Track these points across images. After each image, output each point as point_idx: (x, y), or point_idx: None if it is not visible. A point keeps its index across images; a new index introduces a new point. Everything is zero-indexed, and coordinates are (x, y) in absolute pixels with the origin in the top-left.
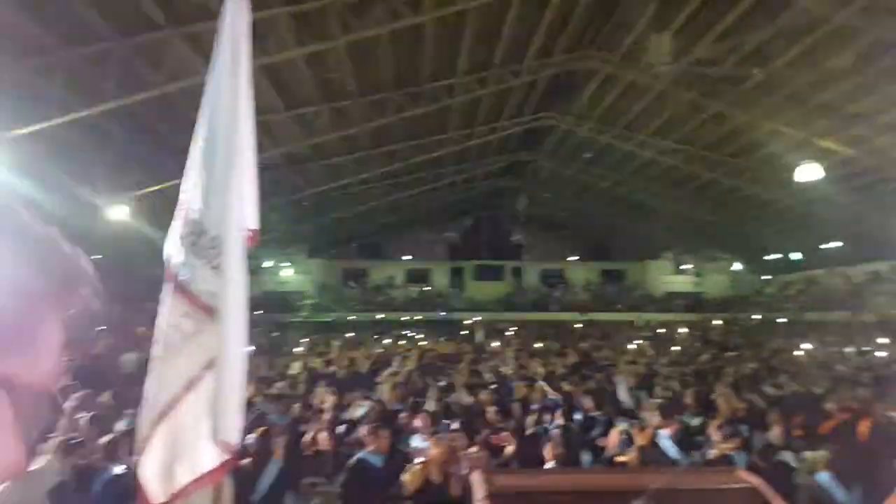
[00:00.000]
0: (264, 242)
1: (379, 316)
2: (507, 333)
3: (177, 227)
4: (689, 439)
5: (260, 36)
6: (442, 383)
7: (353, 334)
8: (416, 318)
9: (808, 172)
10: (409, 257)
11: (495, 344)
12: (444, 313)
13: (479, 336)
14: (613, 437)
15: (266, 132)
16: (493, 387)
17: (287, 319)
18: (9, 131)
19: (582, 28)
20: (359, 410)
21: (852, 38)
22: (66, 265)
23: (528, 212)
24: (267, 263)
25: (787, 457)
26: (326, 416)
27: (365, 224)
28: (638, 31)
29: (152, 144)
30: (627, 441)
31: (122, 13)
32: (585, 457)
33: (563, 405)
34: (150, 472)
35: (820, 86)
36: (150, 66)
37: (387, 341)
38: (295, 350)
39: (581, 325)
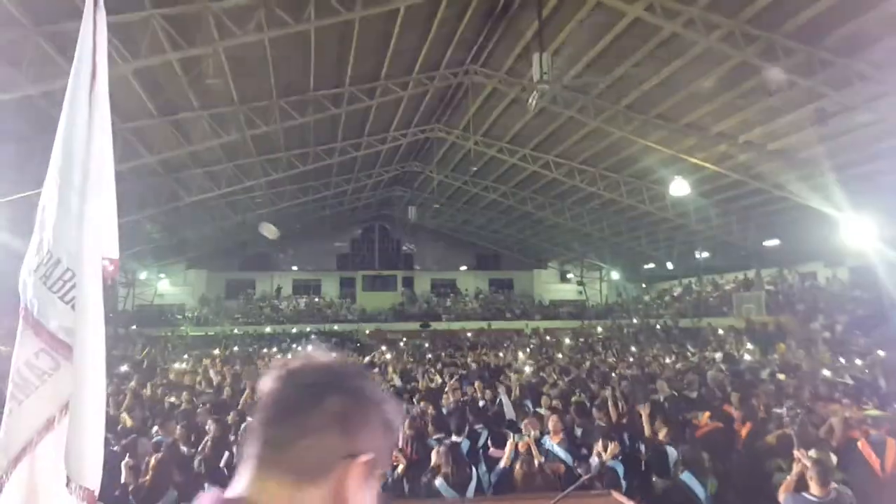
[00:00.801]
0: (139, 254)
1: (267, 329)
2: (400, 344)
3: (28, 260)
4: (575, 449)
5: (132, 38)
6: None
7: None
8: (305, 329)
9: (679, 187)
10: (297, 268)
11: (388, 356)
12: (335, 325)
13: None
14: (508, 448)
15: (140, 138)
16: None
17: (162, 334)
18: None
19: (469, 44)
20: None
21: (716, 63)
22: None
23: (419, 222)
24: (141, 276)
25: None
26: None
27: (250, 234)
28: (519, 50)
29: (14, 150)
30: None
31: None
32: (480, 469)
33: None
34: None
35: (687, 106)
36: (11, 66)
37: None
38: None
39: (471, 334)
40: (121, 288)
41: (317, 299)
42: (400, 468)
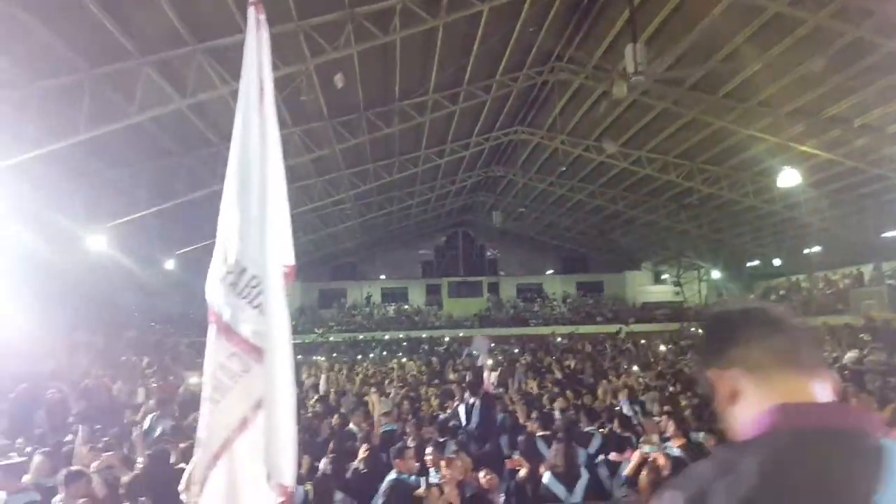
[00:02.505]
0: None
1: (359, 336)
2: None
3: (216, 268)
4: (699, 455)
5: (229, 60)
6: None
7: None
8: (397, 336)
9: (788, 178)
10: (384, 276)
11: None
12: (423, 332)
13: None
14: (635, 458)
15: None
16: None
17: None
18: None
19: (554, 41)
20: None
21: (827, 42)
22: None
23: (503, 227)
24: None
25: None
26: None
27: (339, 245)
28: (608, 43)
29: (125, 175)
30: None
31: (92, 43)
32: (600, 472)
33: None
34: None
35: (794, 90)
36: (122, 96)
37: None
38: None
39: (562, 339)
40: None
41: (405, 306)
42: (523, 472)
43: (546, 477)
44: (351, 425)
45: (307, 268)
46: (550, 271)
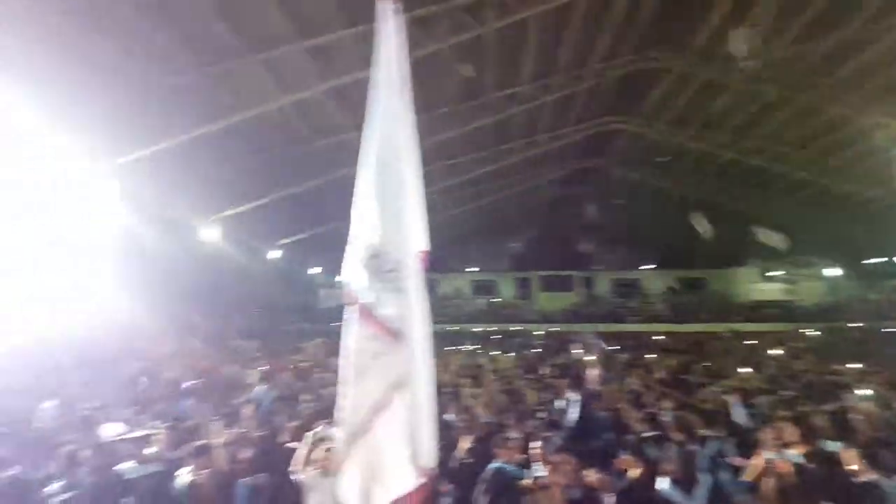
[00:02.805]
0: (339, 257)
1: (451, 328)
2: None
3: (354, 252)
4: (824, 467)
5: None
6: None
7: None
8: (488, 329)
9: None
10: (475, 269)
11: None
12: (513, 326)
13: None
14: (757, 464)
15: (343, 150)
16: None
17: None
18: (115, 159)
19: (651, 27)
20: None
21: None
22: None
23: (598, 219)
24: (338, 278)
25: None
26: None
27: (430, 237)
28: (714, 26)
29: (234, 169)
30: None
31: (201, 40)
32: (721, 477)
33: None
34: (348, 491)
35: None
36: (232, 93)
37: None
38: None
39: (661, 338)
40: (321, 290)
41: (495, 299)
42: (633, 472)
43: (662, 482)
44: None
45: None
46: (649, 266)
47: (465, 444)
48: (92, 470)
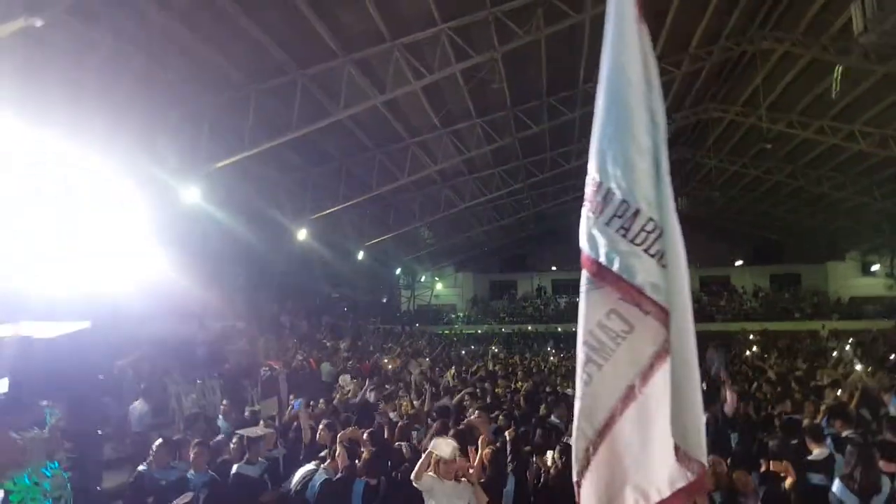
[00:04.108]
0: (419, 258)
1: (529, 328)
2: None
3: (594, 211)
4: None
5: (421, 55)
6: None
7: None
8: (571, 329)
9: None
10: (555, 268)
11: None
12: None
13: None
14: None
15: (425, 150)
16: None
17: (441, 332)
18: (207, 165)
19: (755, 7)
20: None
21: None
22: None
23: (686, 213)
24: (421, 279)
25: None
26: None
27: (510, 237)
28: (819, 4)
29: (325, 170)
30: None
31: (300, 43)
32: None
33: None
34: (592, 499)
35: None
36: (326, 95)
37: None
38: None
39: (755, 336)
40: (402, 290)
41: (575, 299)
42: (789, 481)
43: (836, 486)
44: (552, 417)
45: (479, 259)
46: (739, 262)
47: None
48: (217, 467)
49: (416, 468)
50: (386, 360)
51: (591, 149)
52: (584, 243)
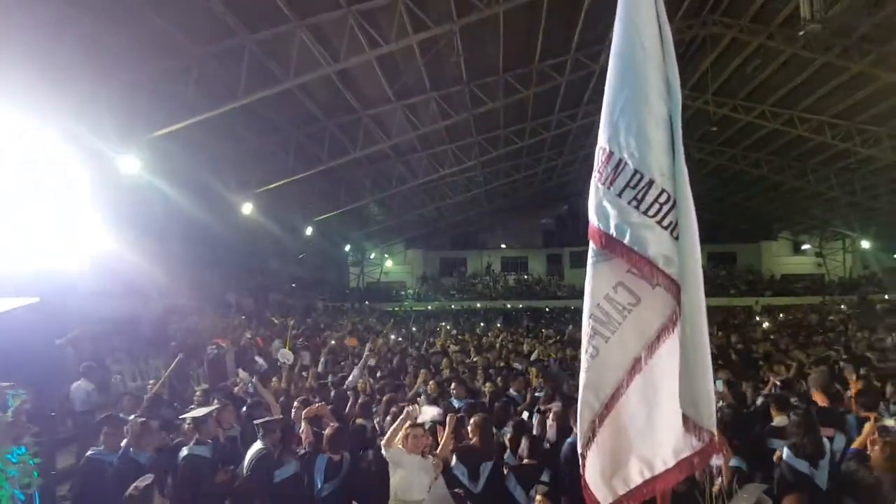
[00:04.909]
0: (368, 234)
1: (478, 305)
2: None
3: (605, 181)
4: None
5: (377, 24)
6: None
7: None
8: (518, 306)
9: None
10: (505, 245)
11: None
12: (545, 303)
13: None
14: (867, 429)
15: (378, 123)
16: None
17: (390, 309)
18: (148, 133)
19: None
20: None
21: None
22: None
23: None
24: (371, 255)
25: None
26: None
27: (460, 214)
28: None
29: (273, 141)
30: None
31: (249, 7)
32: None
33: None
34: (597, 471)
35: None
36: (276, 61)
37: None
38: None
39: None
40: (351, 267)
41: (525, 276)
42: None
43: (785, 454)
44: (510, 391)
45: (429, 236)
46: None
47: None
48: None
49: (388, 434)
50: (345, 341)
51: (601, 118)
52: (592, 215)
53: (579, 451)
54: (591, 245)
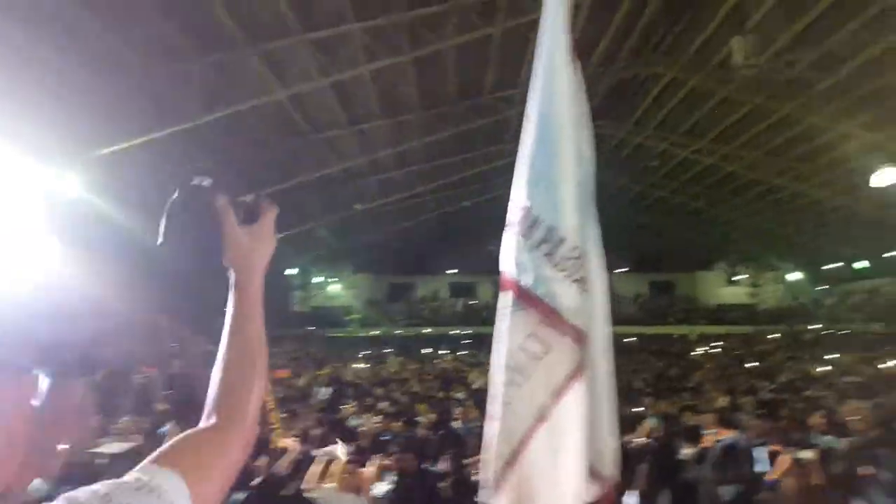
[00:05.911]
0: (315, 259)
1: (426, 330)
2: None
3: (519, 235)
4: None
5: (332, 52)
6: None
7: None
8: (463, 332)
9: (885, 177)
10: (455, 271)
11: None
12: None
13: None
14: (784, 462)
15: (330, 147)
16: None
17: (336, 334)
18: (89, 152)
19: (648, 32)
20: None
21: None
22: None
23: None
24: (316, 279)
25: None
26: None
27: (410, 239)
28: (708, 34)
29: (215, 164)
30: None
31: (200, 30)
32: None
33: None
34: None
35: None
36: (226, 84)
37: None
38: None
39: (633, 340)
40: (295, 291)
41: (473, 302)
42: None
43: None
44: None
45: (379, 262)
46: (622, 269)
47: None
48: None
49: (308, 476)
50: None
51: (519, 177)
52: (508, 267)
53: (483, 499)
54: (509, 295)
